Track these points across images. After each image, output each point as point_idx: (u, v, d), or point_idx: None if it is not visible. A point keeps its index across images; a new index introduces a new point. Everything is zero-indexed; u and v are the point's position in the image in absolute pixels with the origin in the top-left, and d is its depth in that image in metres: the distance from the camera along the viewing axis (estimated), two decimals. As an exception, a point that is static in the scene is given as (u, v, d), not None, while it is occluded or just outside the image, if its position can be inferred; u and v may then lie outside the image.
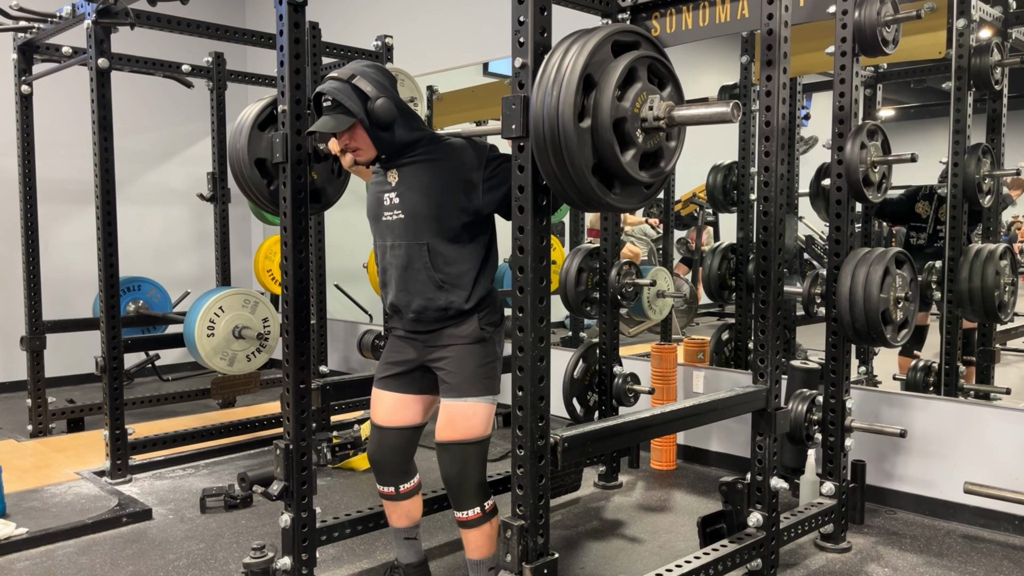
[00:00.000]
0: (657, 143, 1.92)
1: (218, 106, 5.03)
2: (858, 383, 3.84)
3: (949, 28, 3.47)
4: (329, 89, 2.22)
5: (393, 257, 2.33)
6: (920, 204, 4.37)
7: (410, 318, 2.35)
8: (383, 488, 2.48)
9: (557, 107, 1.77)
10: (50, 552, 2.98)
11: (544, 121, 1.79)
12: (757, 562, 2.63)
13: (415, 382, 2.42)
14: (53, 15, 3.90)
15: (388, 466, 2.44)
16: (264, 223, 5.57)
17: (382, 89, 2.23)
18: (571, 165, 1.78)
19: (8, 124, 4.72)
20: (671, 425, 2.56)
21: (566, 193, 1.86)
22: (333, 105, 2.23)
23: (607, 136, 1.80)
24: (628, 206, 1.97)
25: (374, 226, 2.40)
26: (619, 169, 1.84)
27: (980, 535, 3.10)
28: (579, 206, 1.96)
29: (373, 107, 2.20)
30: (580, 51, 1.78)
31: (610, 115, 1.80)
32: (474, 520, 2.31)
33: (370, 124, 2.22)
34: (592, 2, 3.29)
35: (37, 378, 4.50)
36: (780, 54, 2.54)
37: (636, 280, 3.52)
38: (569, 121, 1.76)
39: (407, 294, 2.32)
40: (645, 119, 1.86)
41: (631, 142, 1.85)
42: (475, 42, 5.09)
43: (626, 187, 1.92)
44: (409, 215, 2.27)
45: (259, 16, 6.73)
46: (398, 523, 2.52)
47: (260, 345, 4.20)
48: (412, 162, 2.30)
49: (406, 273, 2.30)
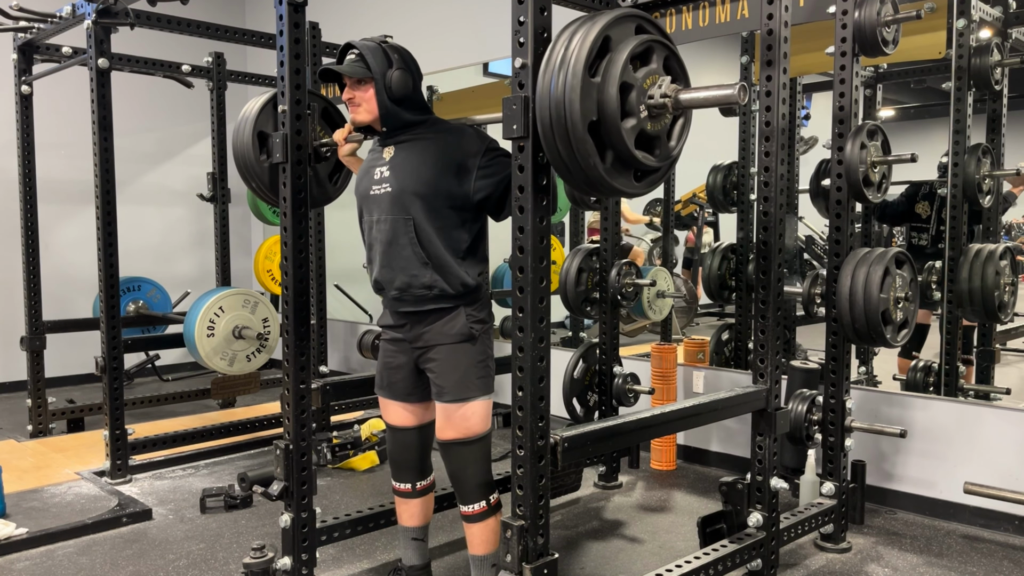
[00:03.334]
0: (659, 128, 1.91)
1: (218, 106, 5.03)
2: (858, 383, 3.84)
3: (949, 28, 3.47)
4: (360, 44, 2.30)
5: (379, 232, 2.32)
6: (920, 204, 4.32)
7: (393, 296, 2.34)
8: (400, 485, 2.49)
9: (572, 59, 1.77)
10: (50, 552, 2.98)
11: (558, 73, 1.79)
12: (757, 562, 2.63)
13: (414, 388, 2.42)
14: (53, 15, 3.90)
15: (408, 462, 2.47)
16: (264, 223, 5.57)
17: (406, 66, 2.31)
18: (570, 116, 1.76)
19: (8, 124, 4.72)
20: (671, 425, 2.56)
21: (556, 148, 1.83)
22: (357, 58, 2.29)
23: (611, 91, 1.79)
24: (618, 184, 1.90)
25: (362, 201, 2.40)
26: (616, 133, 1.82)
27: (980, 535, 3.10)
28: (567, 174, 1.89)
29: (392, 74, 2.26)
30: (605, 16, 1.83)
31: (618, 76, 1.80)
32: (479, 514, 2.33)
33: (383, 88, 2.27)
34: (592, 2, 3.29)
35: (37, 378, 4.50)
36: (780, 54, 2.54)
37: (636, 280, 3.52)
38: (580, 69, 1.76)
39: (391, 270, 2.31)
40: (652, 96, 1.86)
41: (632, 112, 1.84)
42: (475, 42, 5.09)
43: (620, 162, 1.88)
44: (397, 189, 2.28)
45: (259, 16, 6.73)
46: (408, 522, 2.52)
47: (260, 345, 4.20)
48: (410, 140, 2.33)
49: (391, 248, 2.30)
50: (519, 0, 1.86)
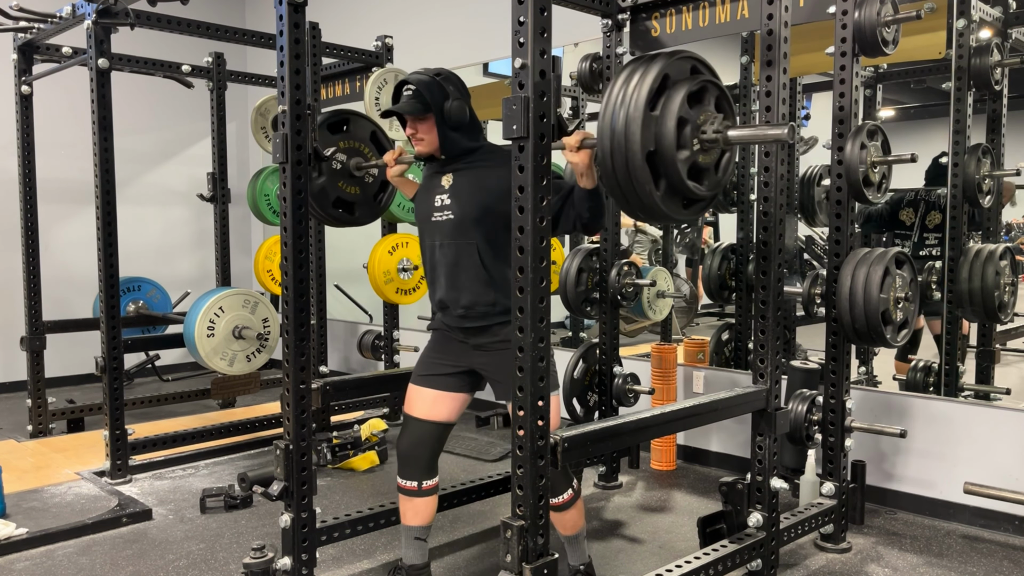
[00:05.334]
0: (709, 161, 2.05)
1: (218, 106, 5.03)
2: (858, 383, 3.84)
3: (949, 28, 3.47)
4: (414, 79, 2.41)
5: (442, 256, 2.43)
6: (904, 211, 4.25)
7: (457, 315, 2.43)
8: (405, 482, 2.51)
9: (633, 94, 1.92)
10: (50, 552, 2.98)
11: (619, 107, 1.93)
12: (757, 562, 2.63)
13: (455, 381, 2.51)
14: (53, 15, 3.90)
15: (417, 460, 2.50)
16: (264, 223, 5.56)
17: (460, 94, 2.41)
18: (630, 145, 1.91)
19: (8, 124, 4.72)
20: (671, 425, 2.56)
21: (614, 175, 1.96)
22: (414, 94, 2.39)
23: (669, 124, 1.94)
24: (669, 210, 2.03)
25: (423, 226, 2.51)
26: (671, 163, 1.95)
27: (980, 535, 3.10)
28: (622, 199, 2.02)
29: (450, 106, 2.37)
30: (664, 57, 1.99)
31: (676, 111, 1.95)
32: (568, 502, 2.44)
33: (442, 119, 2.38)
34: (592, 2, 3.29)
35: (37, 378, 4.50)
36: (780, 54, 2.54)
37: (636, 280, 3.51)
38: (642, 103, 1.91)
39: (455, 291, 2.42)
40: (704, 131, 2.01)
41: (686, 145, 1.98)
42: (475, 42, 5.09)
43: (673, 190, 2.01)
44: (459, 216, 2.38)
45: (259, 16, 6.73)
46: (411, 521, 2.53)
47: (260, 345, 4.20)
48: (468, 167, 2.42)
49: (455, 270, 2.40)
50: (519, 0, 1.86)
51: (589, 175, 2.18)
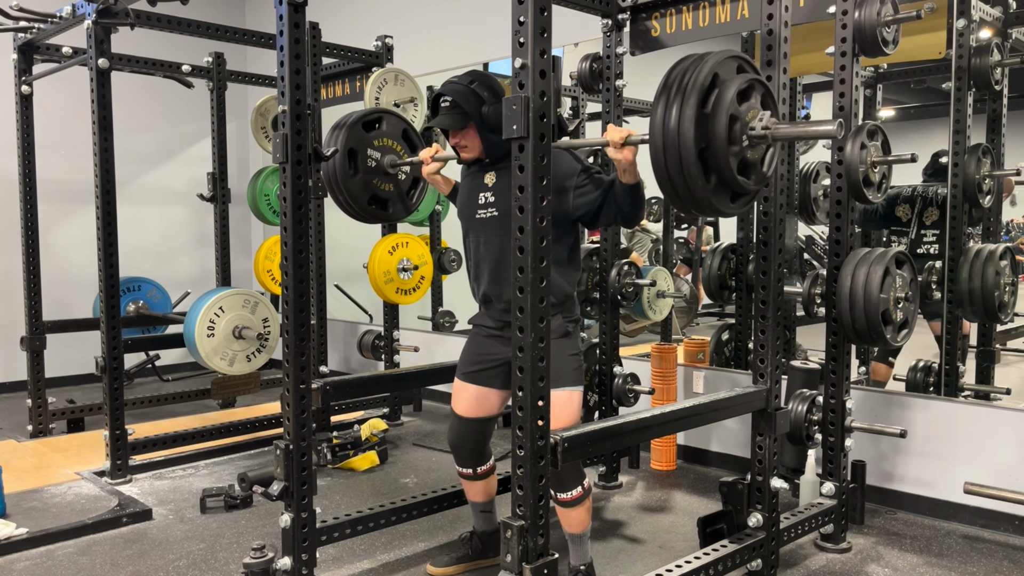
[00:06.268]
0: (756, 156, 2.11)
1: (218, 106, 5.03)
2: (858, 383, 3.84)
3: (949, 28, 3.47)
4: (449, 91, 2.45)
5: (487, 251, 2.51)
6: (901, 207, 4.22)
7: (501, 308, 2.52)
8: (462, 469, 2.71)
9: (686, 91, 1.97)
10: (50, 552, 2.98)
11: (672, 104, 1.98)
12: (757, 562, 2.63)
13: (498, 377, 2.59)
14: (53, 15, 3.90)
15: (466, 452, 2.67)
16: (264, 223, 5.57)
17: (495, 97, 2.44)
18: (683, 142, 1.96)
19: (8, 124, 4.72)
20: (671, 425, 2.57)
21: (666, 171, 2.01)
22: (451, 105, 2.44)
23: (721, 121, 1.99)
24: (718, 204, 2.09)
25: (467, 224, 2.58)
26: (723, 159, 2.00)
27: (980, 535, 3.10)
28: (673, 193, 2.06)
29: (488, 111, 2.42)
30: (713, 56, 2.04)
31: (727, 108, 2.00)
32: (577, 499, 2.45)
33: (482, 126, 2.43)
34: (592, 2, 3.29)
35: (37, 378, 4.50)
36: (780, 54, 2.54)
37: (636, 280, 3.51)
38: (695, 101, 1.96)
39: (498, 285, 2.50)
40: (753, 128, 2.05)
41: (736, 141, 2.03)
42: (475, 42, 5.09)
43: (722, 184, 2.07)
44: (503, 213, 2.44)
45: (259, 16, 6.73)
46: (475, 498, 2.76)
47: (260, 345, 4.20)
48: (510, 166, 2.40)
49: (499, 266, 2.48)
50: (519, 0, 1.86)
51: (632, 171, 2.22)
